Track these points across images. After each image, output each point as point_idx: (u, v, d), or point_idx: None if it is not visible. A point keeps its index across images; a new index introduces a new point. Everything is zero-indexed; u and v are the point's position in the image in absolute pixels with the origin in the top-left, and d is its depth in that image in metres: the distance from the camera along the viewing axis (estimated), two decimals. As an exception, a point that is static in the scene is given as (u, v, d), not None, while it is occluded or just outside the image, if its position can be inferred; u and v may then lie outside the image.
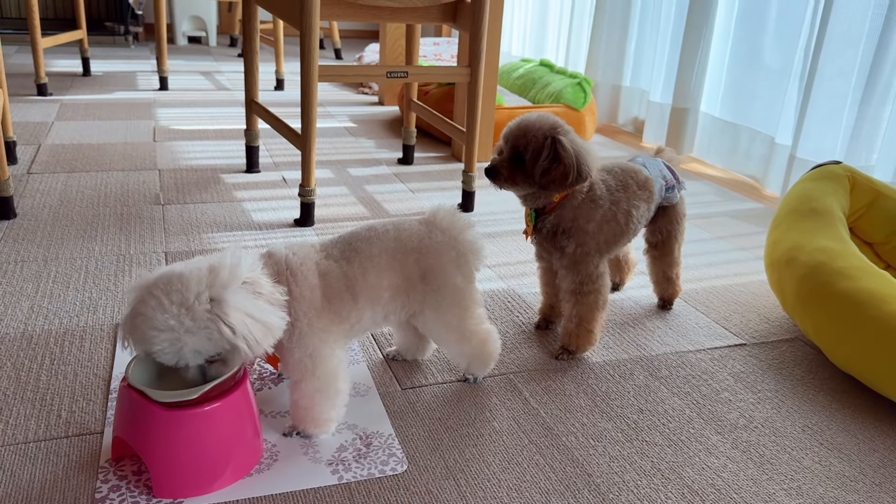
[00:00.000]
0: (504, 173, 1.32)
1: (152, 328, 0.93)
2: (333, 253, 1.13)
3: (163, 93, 3.46)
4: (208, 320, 0.93)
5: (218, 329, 0.93)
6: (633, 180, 1.42)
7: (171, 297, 0.93)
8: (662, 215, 1.53)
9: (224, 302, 0.94)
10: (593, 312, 1.39)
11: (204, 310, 0.93)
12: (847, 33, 2.21)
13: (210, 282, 0.95)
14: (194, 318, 0.92)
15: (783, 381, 1.40)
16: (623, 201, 1.39)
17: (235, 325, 0.93)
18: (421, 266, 1.17)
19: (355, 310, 1.12)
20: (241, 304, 0.95)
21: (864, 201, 1.73)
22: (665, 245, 1.56)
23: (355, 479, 1.06)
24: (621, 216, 1.39)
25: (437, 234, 1.20)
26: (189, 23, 4.91)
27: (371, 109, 3.45)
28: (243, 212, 2.05)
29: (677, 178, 1.51)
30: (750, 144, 2.69)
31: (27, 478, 1.02)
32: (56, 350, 1.33)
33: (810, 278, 1.45)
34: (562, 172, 1.27)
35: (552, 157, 1.27)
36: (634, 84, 3.34)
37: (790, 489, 1.10)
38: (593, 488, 1.08)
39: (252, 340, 0.95)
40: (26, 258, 1.68)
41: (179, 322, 0.92)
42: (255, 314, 0.96)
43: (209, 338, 0.94)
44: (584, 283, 1.37)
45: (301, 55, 1.80)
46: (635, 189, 1.41)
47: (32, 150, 2.48)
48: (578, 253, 1.36)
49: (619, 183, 1.41)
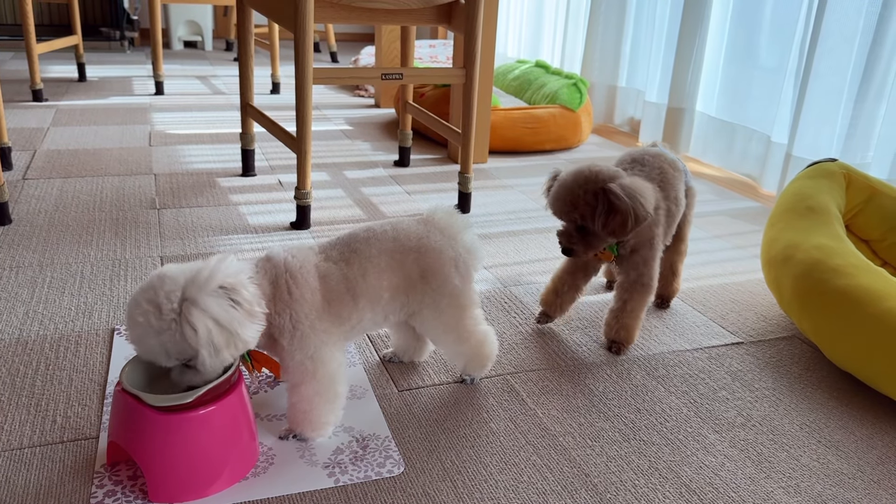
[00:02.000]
0: (580, 248, 1.34)
1: (129, 321, 0.95)
2: (332, 255, 1.13)
3: (158, 97, 3.45)
4: (172, 321, 0.92)
5: (181, 330, 0.92)
6: (666, 164, 1.45)
7: (146, 295, 0.94)
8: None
9: (193, 303, 0.93)
10: (643, 302, 1.42)
11: (170, 309, 0.92)
12: (842, 30, 2.22)
13: (187, 283, 0.94)
14: (161, 318, 0.92)
15: (781, 379, 1.40)
16: (669, 188, 1.42)
17: (198, 328, 0.92)
18: (420, 265, 1.17)
19: (356, 311, 1.12)
20: (211, 308, 0.93)
21: (860, 198, 1.73)
22: (681, 230, 1.57)
23: (352, 482, 1.05)
24: (672, 204, 1.42)
25: (436, 233, 1.19)
26: (184, 27, 4.91)
27: (367, 112, 3.45)
28: (239, 215, 2.04)
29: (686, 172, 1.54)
30: (746, 143, 2.69)
31: (22, 483, 1.02)
32: (51, 355, 1.33)
33: (807, 276, 1.45)
34: (621, 222, 1.27)
35: (607, 209, 1.28)
36: (630, 84, 3.34)
37: (788, 487, 1.10)
38: (591, 488, 1.07)
39: (213, 347, 0.94)
40: (21, 264, 1.68)
41: (146, 319, 0.93)
42: (223, 321, 0.94)
43: (173, 339, 0.93)
44: (645, 275, 1.40)
45: (296, 57, 1.80)
46: (671, 172, 1.43)
47: (28, 155, 2.47)
48: (650, 255, 1.39)
49: (656, 171, 1.43)
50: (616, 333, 1.43)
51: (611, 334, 1.44)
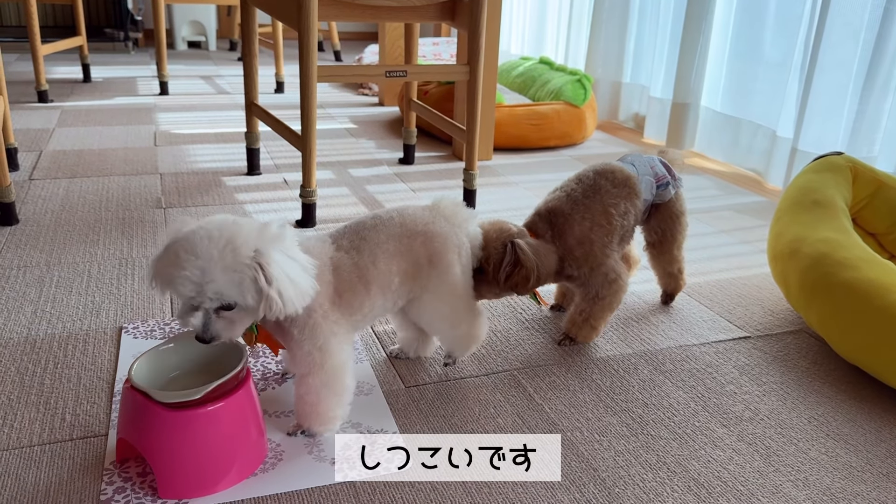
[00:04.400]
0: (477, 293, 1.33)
1: (190, 253, 0.94)
2: (343, 244, 1.14)
3: (163, 97, 3.46)
4: (247, 266, 0.95)
5: (254, 277, 0.95)
6: (606, 181, 1.42)
7: (222, 232, 0.96)
8: (656, 213, 1.51)
9: (268, 255, 0.96)
10: (603, 313, 1.42)
11: (249, 256, 0.95)
12: (847, 24, 2.21)
13: (259, 234, 0.98)
14: (236, 258, 0.95)
15: (788, 372, 1.39)
16: (596, 204, 1.39)
17: (274, 278, 0.95)
18: (428, 249, 1.18)
19: (368, 299, 1.13)
20: (282, 261, 0.98)
21: (866, 192, 1.72)
22: (662, 244, 1.54)
23: (360, 478, 1.06)
24: (600, 217, 1.39)
25: (441, 220, 1.21)
26: (188, 28, 4.92)
27: (371, 110, 3.45)
28: (245, 214, 2.05)
29: (672, 175, 1.50)
30: (751, 138, 2.68)
31: (32, 481, 1.02)
32: (59, 354, 1.33)
33: (813, 269, 1.44)
34: (524, 276, 1.28)
35: (514, 261, 1.28)
36: (635, 80, 3.34)
37: (797, 480, 1.10)
38: (599, 482, 1.07)
39: (284, 297, 0.97)
40: (29, 263, 1.68)
41: (221, 255, 0.94)
42: (292, 274, 0.98)
43: (238, 282, 0.95)
44: (600, 291, 1.40)
45: (300, 55, 1.80)
46: (609, 188, 1.41)
47: (34, 156, 2.48)
48: (585, 273, 1.39)
49: (586, 189, 1.41)
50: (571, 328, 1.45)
51: (567, 327, 1.45)
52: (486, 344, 1.44)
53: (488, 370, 1.35)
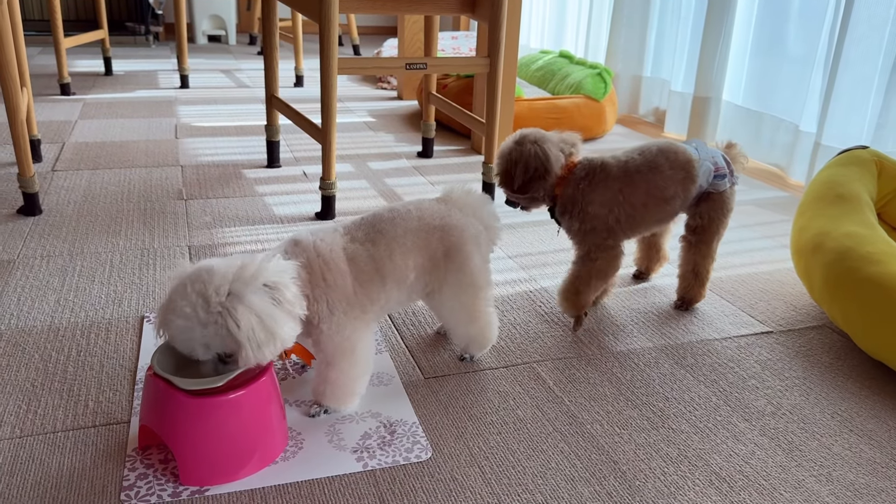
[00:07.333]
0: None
1: (172, 312, 0.95)
2: (358, 236, 1.13)
3: (184, 91, 3.48)
4: (218, 314, 0.93)
5: (225, 323, 0.93)
6: (666, 160, 1.41)
7: (194, 286, 0.94)
8: (707, 200, 1.48)
9: (238, 298, 0.94)
10: (589, 275, 1.43)
11: (218, 302, 0.93)
12: (872, 16, 2.18)
13: (234, 277, 0.95)
14: (208, 310, 0.93)
15: (811, 368, 1.38)
16: (642, 182, 1.39)
17: (241, 323, 0.92)
18: (444, 244, 1.18)
19: (383, 292, 1.13)
20: (255, 304, 0.94)
21: (891, 186, 1.70)
22: (704, 232, 1.49)
23: (380, 466, 1.06)
24: (638, 197, 1.39)
25: (456, 212, 1.21)
26: (209, 22, 4.94)
27: (390, 104, 3.45)
28: (265, 206, 2.06)
29: (731, 170, 1.48)
30: (774, 132, 2.65)
31: (56, 466, 1.03)
32: (82, 342, 1.35)
33: (838, 264, 1.42)
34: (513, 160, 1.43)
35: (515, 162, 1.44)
36: (655, 74, 3.31)
37: (820, 476, 1.09)
38: (619, 475, 1.07)
39: (255, 342, 0.94)
40: (52, 253, 1.70)
41: (194, 311, 0.93)
42: (265, 318, 0.95)
43: (217, 333, 0.94)
44: (592, 251, 1.42)
45: (321, 47, 1.80)
46: (665, 169, 1.40)
47: (57, 148, 2.50)
48: (583, 230, 1.41)
49: (646, 163, 1.41)
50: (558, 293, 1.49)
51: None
52: (505, 336, 1.44)
53: (507, 362, 1.35)
